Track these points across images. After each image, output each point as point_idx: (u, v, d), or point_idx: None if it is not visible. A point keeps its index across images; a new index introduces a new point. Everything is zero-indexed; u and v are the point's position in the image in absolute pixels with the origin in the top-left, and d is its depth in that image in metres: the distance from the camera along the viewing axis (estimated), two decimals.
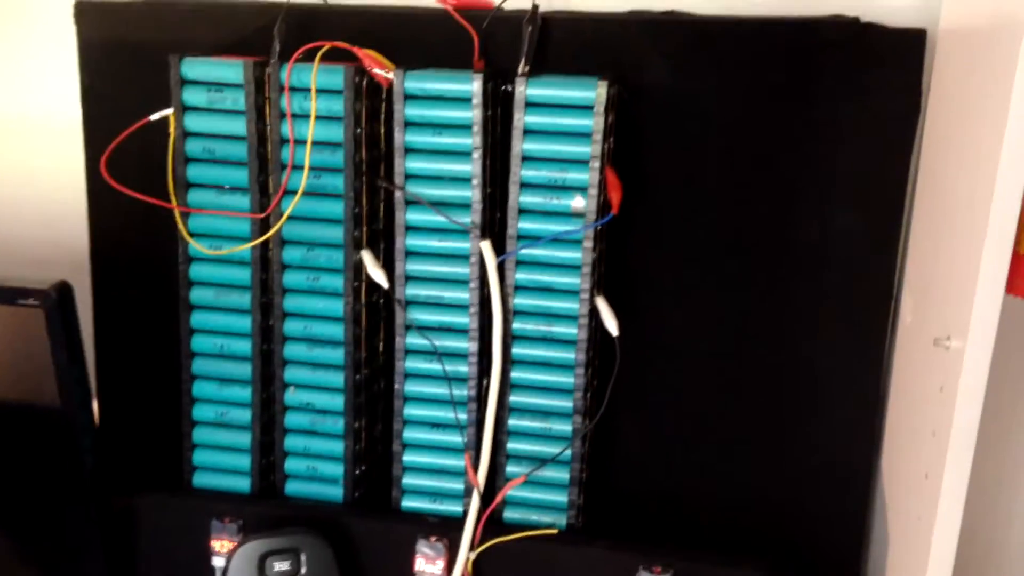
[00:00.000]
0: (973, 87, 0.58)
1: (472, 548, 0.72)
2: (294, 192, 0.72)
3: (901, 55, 0.68)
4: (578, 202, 0.70)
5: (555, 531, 0.74)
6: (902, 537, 0.67)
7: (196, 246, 0.74)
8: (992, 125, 0.53)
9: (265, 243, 0.74)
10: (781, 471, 0.76)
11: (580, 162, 0.69)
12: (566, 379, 0.74)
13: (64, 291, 0.65)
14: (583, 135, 0.69)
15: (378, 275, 0.74)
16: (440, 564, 0.73)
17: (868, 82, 0.69)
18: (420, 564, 0.73)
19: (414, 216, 0.73)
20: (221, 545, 0.74)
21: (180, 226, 0.74)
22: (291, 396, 0.77)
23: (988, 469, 0.78)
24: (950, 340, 0.56)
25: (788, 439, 0.75)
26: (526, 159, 0.70)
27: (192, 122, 0.73)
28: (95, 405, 0.81)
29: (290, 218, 0.73)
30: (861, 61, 0.69)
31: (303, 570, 0.70)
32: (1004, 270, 0.53)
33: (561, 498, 0.75)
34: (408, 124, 0.71)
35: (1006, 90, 0.50)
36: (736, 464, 0.76)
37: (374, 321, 0.77)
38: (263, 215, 0.73)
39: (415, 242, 0.73)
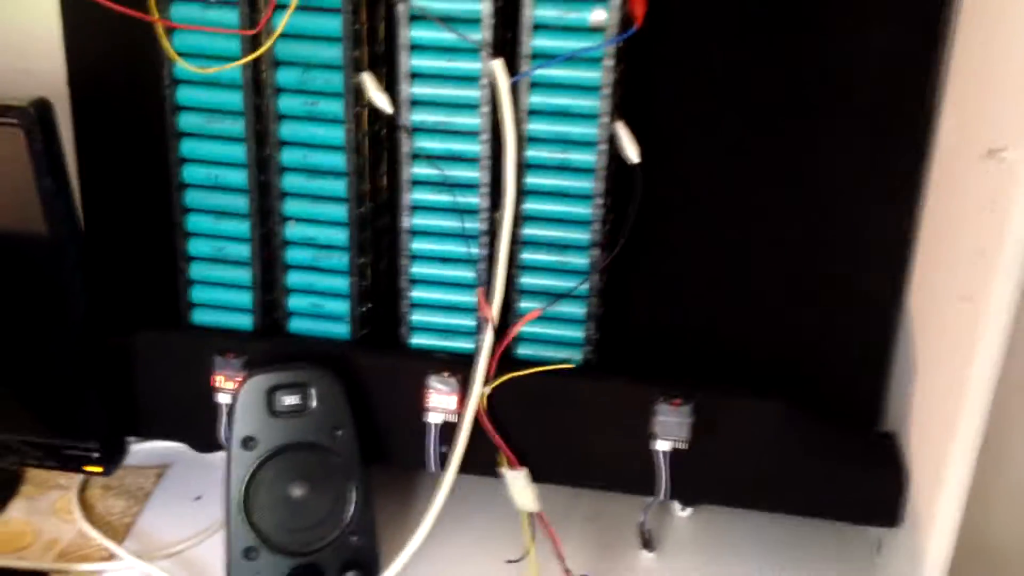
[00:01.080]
0: None
1: (486, 382, 0.70)
2: (287, 6, 0.66)
3: None
4: (598, 14, 0.64)
5: (571, 365, 0.72)
6: (932, 368, 0.65)
7: (183, 64, 0.69)
8: None
9: (257, 64, 0.69)
10: (804, 302, 0.73)
11: None
12: (583, 210, 0.70)
13: (43, 108, 0.60)
14: None
15: (381, 99, 0.69)
16: (453, 399, 0.71)
17: None
18: (433, 399, 0.71)
19: (419, 33, 0.67)
20: (224, 381, 0.71)
21: (163, 43, 0.68)
22: (292, 231, 0.73)
23: None
24: (1006, 151, 0.52)
25: (812, 268, 0.72)
26: None
27: None
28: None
29: (284, 36, 0.67)
30: None
31: (312, 404, 0.68)
32: None
33: (577, 334, 0.73)
34: None
35: None
36: (757, 297, 0.74)
37: (377, 152, 0.72)
38: (254, 32, 0.67)
39: (420, 62, 0.68)
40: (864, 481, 0.70)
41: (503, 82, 0.67)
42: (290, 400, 0.67)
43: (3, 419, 0.74)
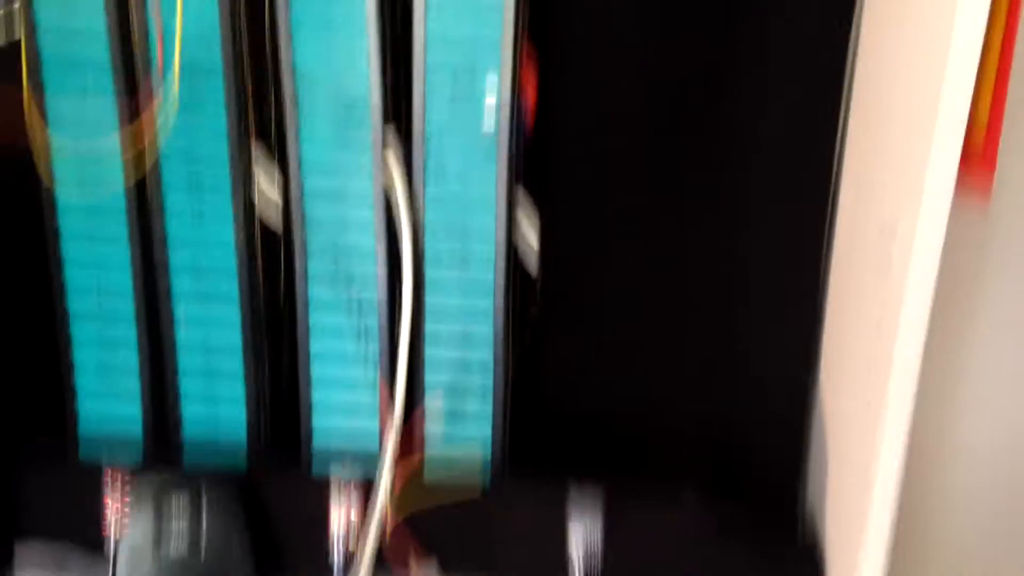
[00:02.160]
0: None
1: (389, 502, 0.66)
2: (167, 102, 0.64)
3: None
4: (490, 100, 0.63)
5: (477, 493, 0.68)
6: (844, 435, 0.63)
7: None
8: None
9: (140, 163, 0.66)
10: (716, 382, 0.71)
11: (490, 47, 0.62)
12: (485, 302, 0.67)
13: None
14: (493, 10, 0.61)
15: (271, 193, 0.66)
16: (354, 516, 0.67)
17: None
18: (334, 519, 0.67)
19: (308, 122, 0.65)
20: (113, 512, 0.66)
21: (34, 122, 0.65)
22: (183, 333, 0.70)
23: (936, 363, 0.74)
24: (897, 226, 0.51)
25: (721, 351, 0.70)
26: (431, 42, 0.63)
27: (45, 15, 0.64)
28: None
29: (167, 133, 0.65)
30: None
31: (204, 539, 0.63)
32: (958, 145, 0.48)
33: (484, 431, 0.70)
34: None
35: None
36: (668, 384, 0.71)
37: (272, 247, 0.70)
38: (135, 132, 0.65)
39: (311, 153, 0.65)
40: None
41: (397, 171, 0.65)
42: (180, 539, 0.63)
43: None
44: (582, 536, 0.66)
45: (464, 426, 0.70)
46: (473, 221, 0.66)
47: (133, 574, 0.62)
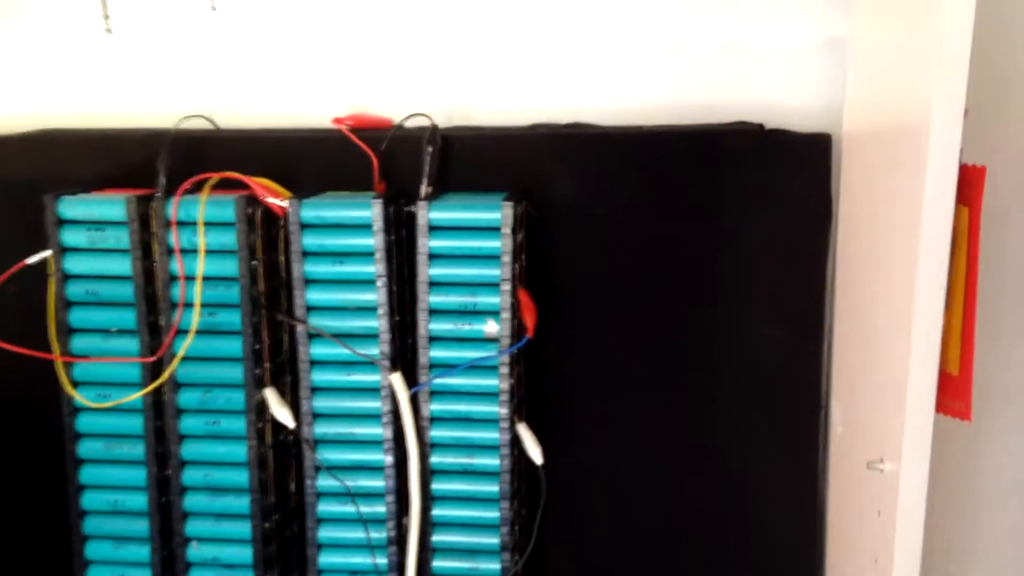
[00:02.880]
0: (883, 190, 0.57)
1: None
2: (187, 332, 0.67)
3: (808, 161, 0.67)
4: (491, 327, 0.66)
5: None
6: None
7: (80, 399, 0.68)
8: (906, 234, 0.51)
9: (158, 388, 0.69)
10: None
11: (490, 285, 0.66)
12: (491, 513, 0.69)
13: None
14: (491, 257, 0.66)
15: (283, 415, 0.69)
16: None
17: (777, 189, 0.68)
18: None
19: (318, 350, 0.68)
20: None
21: (62, 378, 0.68)
22: (195, 551, 0.71)
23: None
24: (883, 463, 0.53)
25: (727, 565, 0.72)
26: (434, 285, 0.67)
27: (72, 264, 0.68)
28: None
29: (184, 359, 0.68)
30: (768, 168, 0.67)
31: None
32: (932, 391, 0.51)
33: None
34: (307, 254, 0.67)
35: (917, 199, 0.49)
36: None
37: (283, 462, 0.72)
38: (154, 359, 0.68)
39: (321, 377, 0.69)
40: None
41: (402, 393, 0.67)
42: None
43: None
44: None
45: None
46: (477, 437, 0.68)
47: None
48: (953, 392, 0.56)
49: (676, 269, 0.70)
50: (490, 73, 0.72)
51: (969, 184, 0.47)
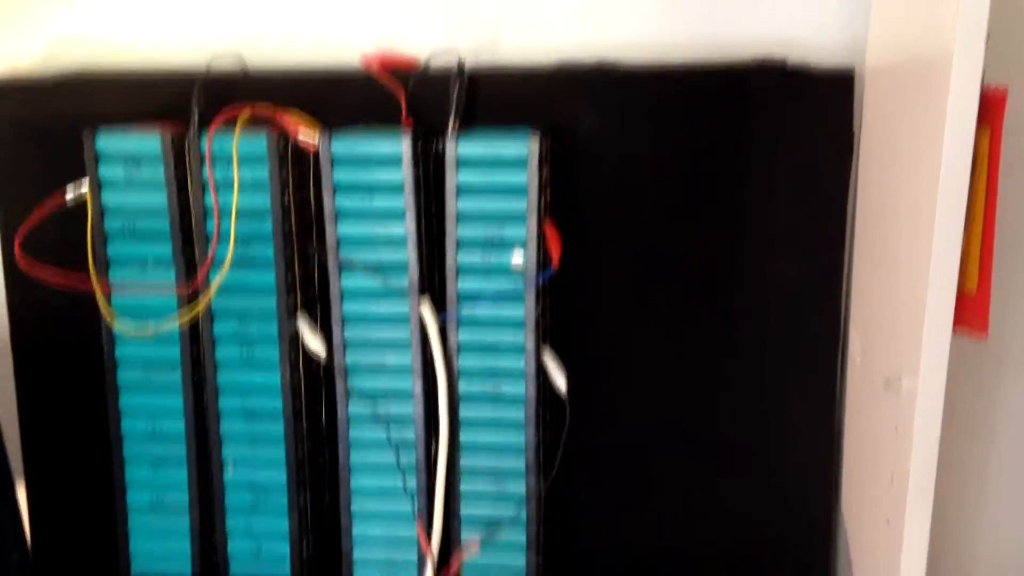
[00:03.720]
0: (905, 124, 0.58)
1: None
2: (221, 263, 0.69)
3: (830, 96, 0.68)
4: (517, 258, 0.68)
5: None
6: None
7: (120, 328, 0.71)
8: (927, 159, 0.52)
9: (195, 318, 0.71)
10: (741, 522, 0.74)
11: (517, 217, 0.68)
12: (517, 438, 0.72)
13: None
14: (518, 190, 0.68)
15: (315, 344, 0.71)
16: None
17: (799, 124, 0.69)
18: None
19: (349, 281, 0.70)
20: None
21: (103, 307, 0.71)
22: (230, 475, 0.74)
23: (949, 509, 0.78)
24: (901, 380, 0.55)
25: (746, 489, 0.74)
26: (461, 217, 0.69)
27: (110, 198, 0.70)
28: (22, 495, 0.76)
29: (219, 290, 0.70)
30: (791, 105, 0.69)
31: None
32: (950, 307, 0.53)
33: (519, 561, 0.73)
34: (337, 188, 0.69)
35: (938, 124, 0.50)
36: (696, 516, 0.75)
37: (314, 390, 0.74)
38: (190, 290, 0.70)
39: (352, 308, 0.71)
40: None
41: (431, 323, 0.70)
42: None
43: None
44: None
45: (499, 555, 0.73)
46: (504, 365, 0.71)
47: None
48: (971, 311, 0.57)
49: (698, 204, 0.71)
50: (517, 10, 0.73)
51: (991, 106, 0.48)
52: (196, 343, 0.72)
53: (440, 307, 0.70)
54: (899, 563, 0.56)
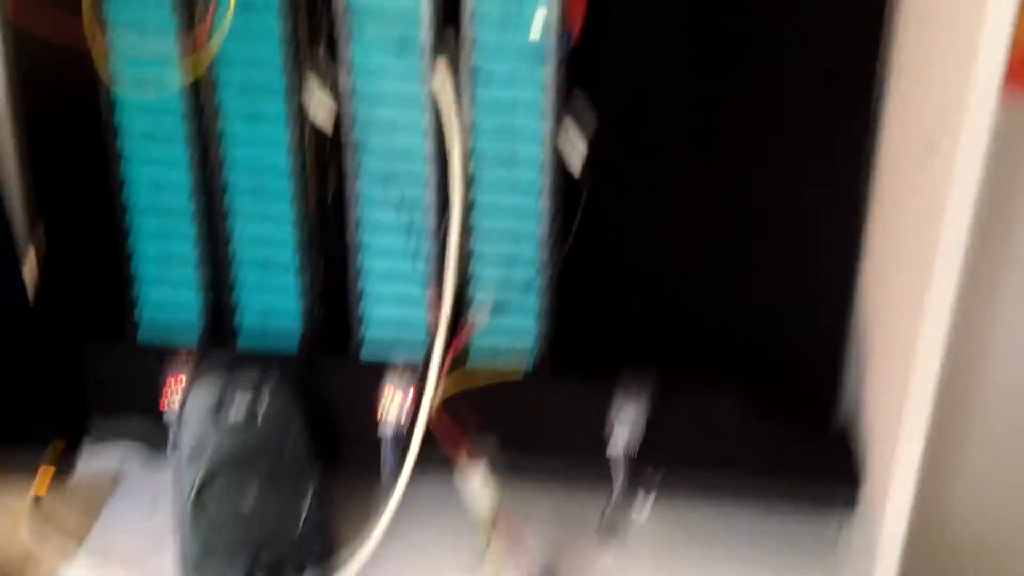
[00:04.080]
0: None
1: (437, 388, 0.69)
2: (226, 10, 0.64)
3: None
4: (539, 18, 0.63)
5: (520, 375, 0.71)
6: (884, 351, 0.65)
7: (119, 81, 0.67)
8: None
9: (197, 64, 0.67)
10: (757, 299, 0.73)
11: None
12: (532, 203, 0.69)
13: None
14: None
15: (322, 100, 0.67)
16: (407, 403, 0.70)
17: None
18: (384, 406, 0.70)
19: (360, 30, 0.65)
20: (173, 390, 0.70)
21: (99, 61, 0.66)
22: (239, 227, 0.72)
23: (977, 286, 0.76)
24: (940, 145, 0.52)
25: (766, 266, 0.72)
26: None
27: None
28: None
29: (224, 40, 0.65)
30: None
31: (263, 411, 0.67)
32: (999, 67, 0.48)
33: (531, 327, 0.72)
34: None
35: None
36: (711, 293, 0.73)
37: (322, 146, 0.71)
38: (194, 41, 0.66)
39: (363, 58, 0.66)
40: (821, 471, 0.70)
41: (446, 78, 0.66)
42: (239, 407, 0.66)
43: None
44: (624, 417, 0.68)
45: (510, 319, 0.72)
46: (520, 123, 0.67)
47: (193, 437, 0.66)
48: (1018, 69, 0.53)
49: None
50: None
51: None
52: (200, 96, 0.68)
53: (456, 63, 0.66)
54: (919, 330, 0.55)
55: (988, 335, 0.81)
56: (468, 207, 0.70)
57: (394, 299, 0.73)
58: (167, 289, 0.74)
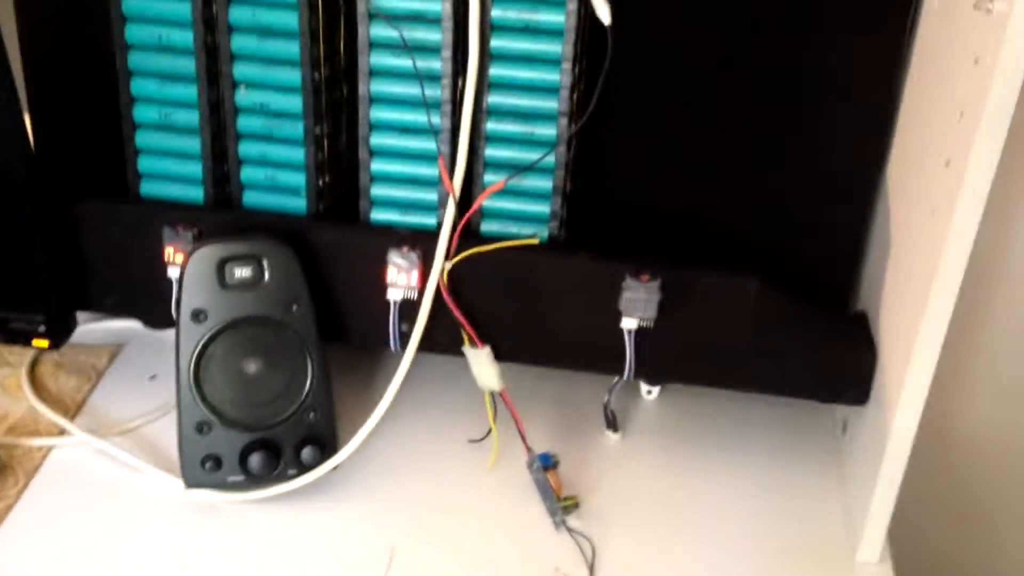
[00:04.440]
0: None
1: (448, 257, 0.67)
2: None
3: None
4: None
5: (536, 241, 0.69)
6: (906, 241, 0.63)
7: None
8: None
9: None
10: (780, 186, 0.71)
11: None
12: (551, 76, 0.66)
13: None
14: None
15: None
16: (415, 275, 0.68)
17: None
18: (392, 275, 0.68)
19: None
20: (175, 254, 0.68)
21: None
22: (242, 96, 0.69)
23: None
24: (994, 2, 0.49)
25: (787, 143, 0.70)
26: None
27: None
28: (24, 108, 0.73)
29: None
30: None
31: (266, 277, 0.65)
32: None
33: (543, 208, 0.70)
34: None
35: None
36: (730, 174, 0.71)
37: (334, 9, 0.68)
38: None
39: None
40: (834, 359, 0.68)
41: None
42: (243, 273, 0.64)
43: None
44: (637, 295, 0.66)
45: (522, 201, 0.70)
46: None
47: (195, 303, 0.64)
48: None
49: None
50: None
51: None
52: None
53: None
54: (953, 208, 0.53)
55: (1013, 237, 0.80)
56: (484, 80, 0.67)
57: (404, 178, 0.70)
58: (169, 160, 0.72)
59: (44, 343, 0.71)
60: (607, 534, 0.66)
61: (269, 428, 0.66)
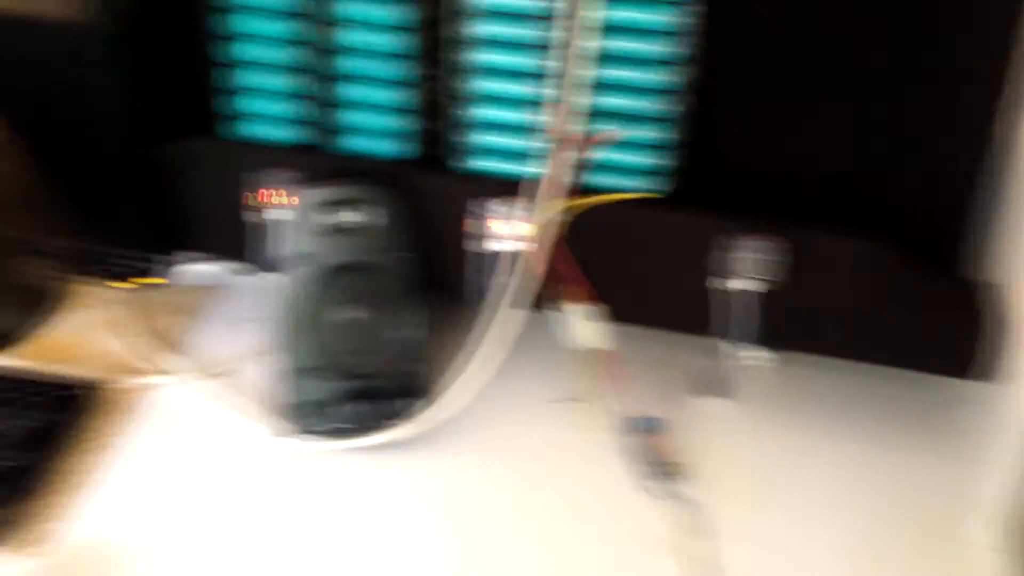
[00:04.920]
0: None
1: (562, 209, 0.65)
2: None
3: None
4: None
5: (656, 195, 0.65)
6: None
7: None
8: None
9: None
10: (895, 136, 0.66)
11: None
12: (668, 18, 0.62)
13: None
14: None
15: None
16: (518, 226, 0.66)
17: None
18: (495, 225, 0.66)
19: None
20: (275, 196, 0.67)
21: None
22: (341, 37, 0.67)
23: None
24: None
25: (904, 102, 0.64)
26: None
27: None
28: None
29: None
30: None
31: (371, 224, 0.63)
32: None
33: (657, 161, 0.67)
34: None
35: None
36: (847, 132, 0.66)
37: None
38: None
39: None
40: (962, 332, 0.64)
41: None
42: (348, 217, 0.63)
43: (48, 227, 0.71)
44: (749, 252, 0.63)
45: (632, 152, 0.67)
46: None
47: (294, 246, 0.64)
48: None
49: None
50: None
51: None
52: None
53: None
54: None
55: None
56: (595, 25, 0.63)
57: (509, 125, 0.68)
58: (265, 100, 0.70)
59: (144, 281, 0.71)
60: (714, 502, 0.64)
61: (369, 377, 0.65)
